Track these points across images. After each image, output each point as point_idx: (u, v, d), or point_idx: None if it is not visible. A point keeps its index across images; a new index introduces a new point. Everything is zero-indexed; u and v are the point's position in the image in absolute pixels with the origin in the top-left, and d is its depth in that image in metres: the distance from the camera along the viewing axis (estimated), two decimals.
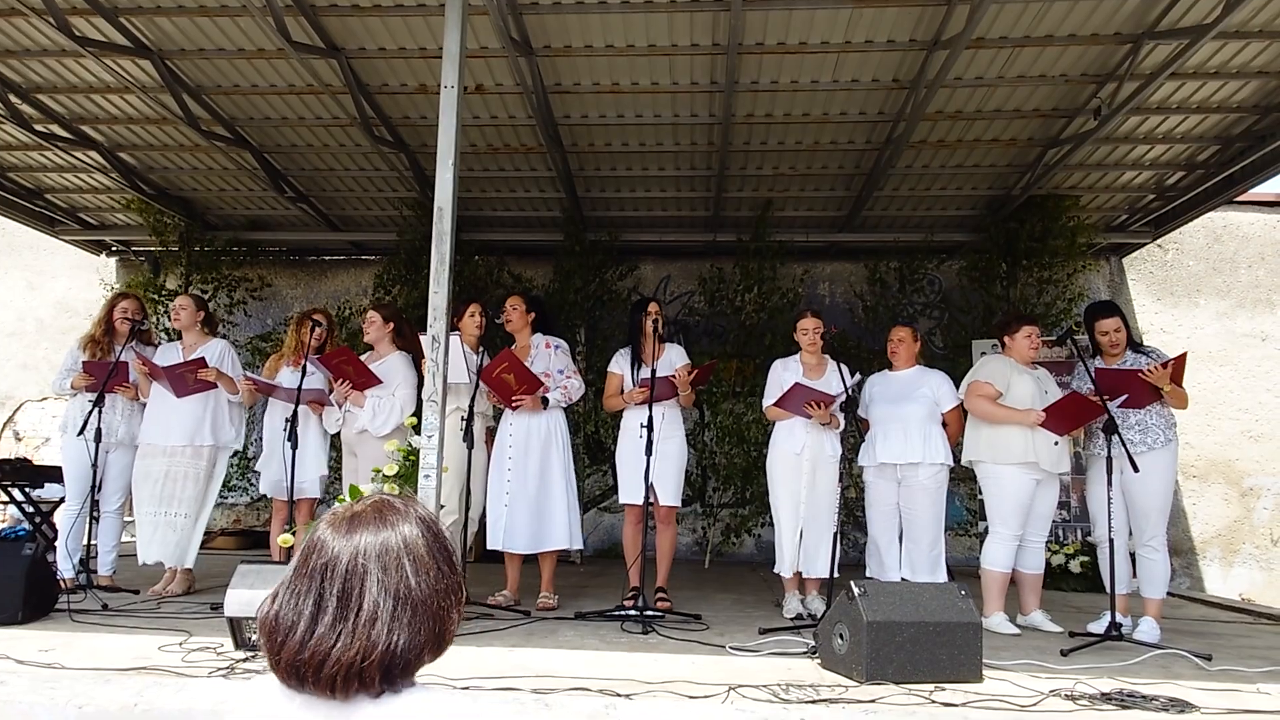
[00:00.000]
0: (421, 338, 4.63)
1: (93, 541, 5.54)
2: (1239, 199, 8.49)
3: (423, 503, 1.35)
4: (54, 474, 6.55)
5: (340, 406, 5.48)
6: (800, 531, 5.20)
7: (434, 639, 1.22)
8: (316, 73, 6.21)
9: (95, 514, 5.51)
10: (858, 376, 5.29)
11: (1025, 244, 8.03)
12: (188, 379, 5.41)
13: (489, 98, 6.57)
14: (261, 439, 5.98)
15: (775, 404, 5.25)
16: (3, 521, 8.46)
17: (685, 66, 6.07)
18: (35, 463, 7.64)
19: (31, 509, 7.14)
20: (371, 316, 5.65)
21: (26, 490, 7.10)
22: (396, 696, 1.19)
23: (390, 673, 1.18)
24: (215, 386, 5.52)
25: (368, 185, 8.32)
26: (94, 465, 5.31)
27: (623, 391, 5.48)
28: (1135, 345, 5.15)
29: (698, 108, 6.66)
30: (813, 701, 3.12)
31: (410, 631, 1.19)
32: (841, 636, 3.64)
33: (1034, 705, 3.17)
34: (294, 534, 4.68)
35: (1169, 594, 6.14)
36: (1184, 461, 8.85)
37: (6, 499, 7.19)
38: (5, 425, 10.00)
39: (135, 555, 5.53)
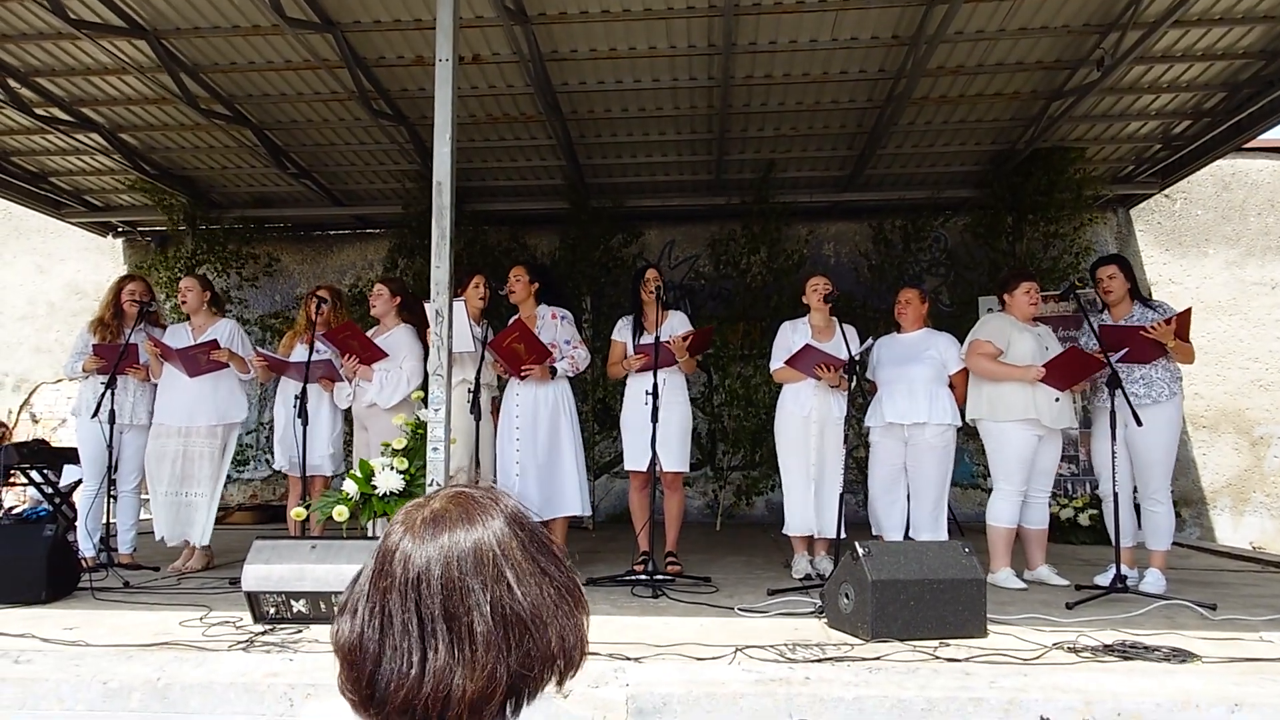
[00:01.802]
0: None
1: (112, 520, 5.64)
2: (1247, 146, 8.39)
3: (504, 490, 1.12)
4: (71, 456, 6.66)
5: (350, 381, 5.54)
6: (810, 492, 5.25)
7: (554, 655, 1.03)
8: (313, 47, 6.19)
9: (113, 494, 5.61)
10: (869, 341, 5.30)
11: (1031, 198, 7.97)
12: (200, 360, 5.48)
13: (486, 67, 6.53)
14: (274, 416, 6.06)
15: (785, 364, 5.27)
16: (23, 503, 8.60)
17: (682, 29, 6.02)
18: (53, 445, 7.77)
19: (51, 490, 7.27)
20: (379, 289, 5.70)
21: (45, 472, 7.22)
22: None
23: (516, 703, 1.03)
24: (227, 366, 5.58)
25: (369, 159, 8.31)
26: (109, 446, 5.39)
27: (624, 360, 5.51)
28: (1144, 300, 5.13)
29: (696, 70, 6.60)
30: (818, 660, 3.18)
31: (528, 652, 1.01)
32: (847, 596, 3.69)
33: (1037, 658, 3.22)
34: (308, 508, 4.76)
35: (1179, 545, 6.20)
36: (1194, 411, 8.85)
37: (26, 481, 7.32)
38: (22, 408, 10.13)
39: (154, 533, 5.63)
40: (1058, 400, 4.97)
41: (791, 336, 5.40)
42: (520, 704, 1.03)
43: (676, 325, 5.44)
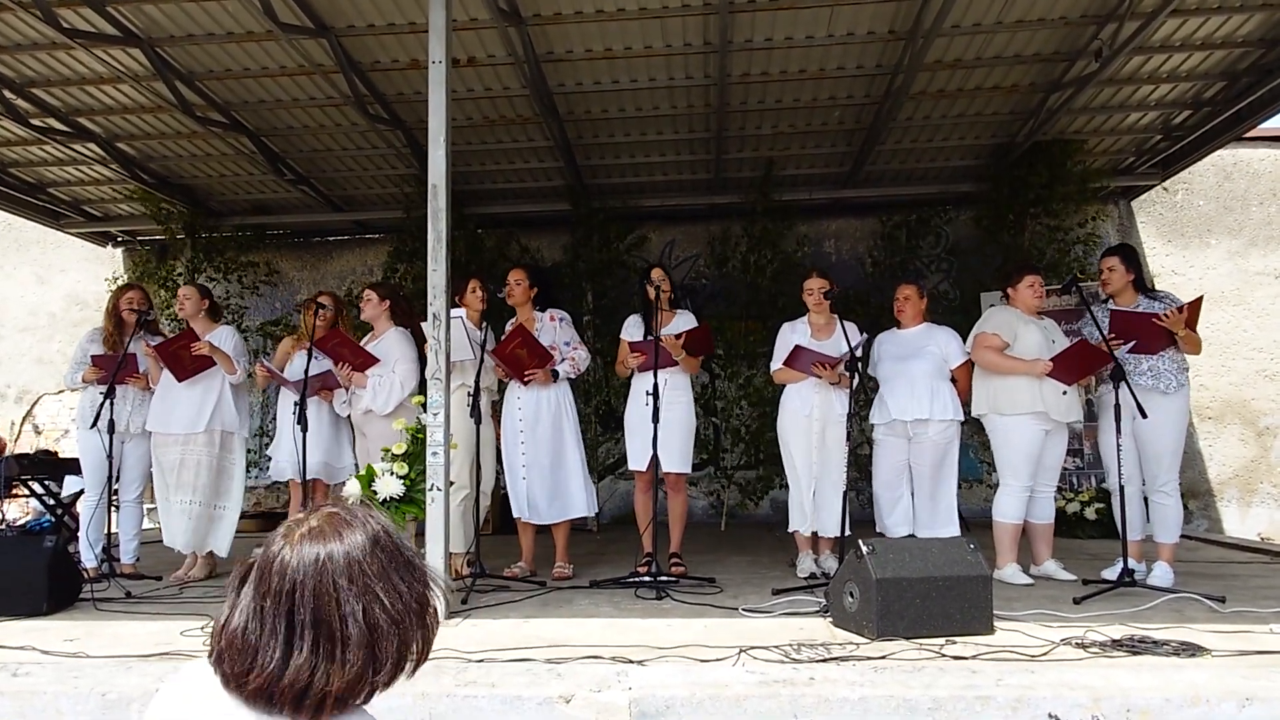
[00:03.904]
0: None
1: (114, 531, 5.62)
2: (1248, 135, 8.34)
3: (377, 513, 1.28)
4: (73, 466, 6.65)
5: (346, 389, 5.51)
6: (813, 491, 5.22)
7: (401, 659, 1.20)
8: (307, 53, 6.17)
9: (115, 504, 5.59)
10: (864, 336, 5.28)
11: (1034, 191, 7.93)
12: (183, 357, 5.43)
13: (481, 70, 6.51)
14: (276, 422, 6.04)
15: (782, 367, 5.25)
16: (27, 514, 8.59)
17: (677, 27, 5.99)
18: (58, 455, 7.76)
19: (53, 501, 7.26)
20: (368, 295, 5.67)
21: (47, 483, 7.21)
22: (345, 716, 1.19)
23: (360, 697, 1.18)
24: (213, 364, 5.53)
25: (367, 164, 8.29)
26: (109, 456, 5.37)
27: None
28: (1149, 291, 5.09)
29: (693, 69, 6.58)
30: (823, 660, 3.15)
31: (378, 656, 1.17)
32: (852, 595, 3.66)
33: (1044, 655, 3.19)
34: None
35: (1186, 537, 6.15)
36: (1199, 403, 8.81)
37: (29, 492, 7.31)
38: (24, 419, 10.12)
39: (157, 543, 5.62)
40: (1065, 393, 4.93)
41: (790, 336, 5.37)
42: (370, 697, 1.19)
43: (681, 325, 5.41)
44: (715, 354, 8.78)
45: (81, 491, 6.02)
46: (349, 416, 5.72)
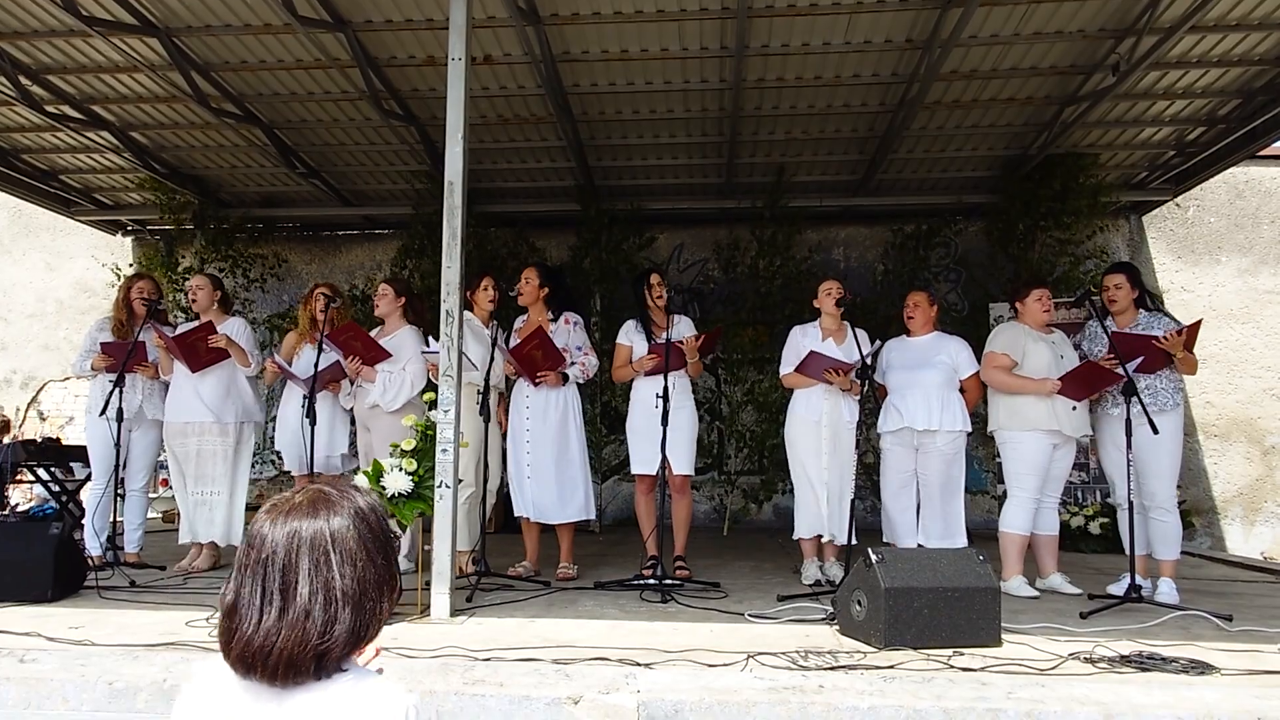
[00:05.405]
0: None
1: (119, 519, 5.62)
2: (1261, 154, 8.35)
3: (365, 492, 1.39)
4: (79, 454, 6.65)
5: (353, 382, 5.51)
6: (824, 496, 5.21)
7: (360, 630, 1.29)
8: (324, 46, 6.18)
9: (121, 492, 5.59)
10: (877, 344, 5.27)
11: (1045, 204, 7.92)
12: (199, 348, 5.44)
13: (498, 68, 6.51)
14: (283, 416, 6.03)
15: (793, 372, 5.24)
16: (30, 501, 8.59)
17: (695, 31, 5.99)
18: (62, 443, 7.76)
19: (58, 488, 7.25)
20: (383, 290, 5.66)
21: (53, 470, 7.21)
22: (329, 682, 1.27)
23: (323, 662, 1.26)
24: (227, 356, 5.54)
25: (379, 159, 8.29)
26: (117, 445, 5.37)
27: (633, 362, 5.47)
28: (1150, 308, 5.11)
29: (708, 73, 6.58)
30: (831, 668, 3.14)
31: (339, 624, 1.26)
32: (859, 603, 3.65)
33: (1053, 669, 3.18)
34: None
35: (1190, 554, 6.15)
36: (1205, 420, 8.80)
37: (34, 479, 7.31)
38: (29, 406, 10.13)
39: (161, 532, 5.61)
40: (1075, 409, 4.94)
41: (802, 341, 5.36)
42: (326, 666, 1.26)
43: (684, 330, 5.41)
44: (720, 358, 8.78)
45: (88, 478, 6.02)
46: (350, 409, 5.72)
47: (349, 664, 1.32)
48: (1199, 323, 4.86)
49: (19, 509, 8.24)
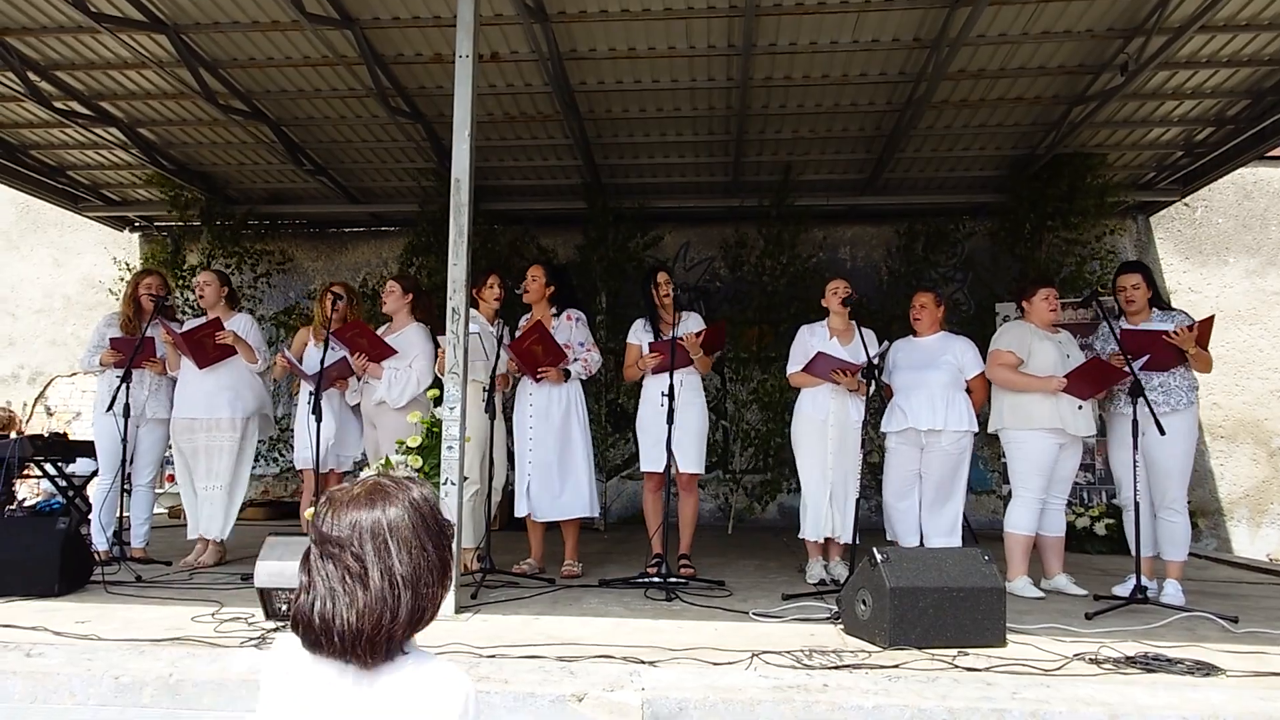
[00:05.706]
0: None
1: (126, 514, 5.64)
2: (1270, 154, 8.29)
3: (419, 483, 1.46)
4: (86, 449, 6.67)
5: (359, 379, 5.52)
6: (829, 495, 5.20)
7: (418, 613, 1.38)
8: (331, 44, 6.18)
9: (127, 487, 5.61)
10: (885, 344, 5.26)
11: (1052, 204, 7.90)
12: (207, 345, 5.46)
13: (505, 66, 6.51)
14: (290, 412, 6.06)
15: (801, 371, 5.23)
16: (37, 495, 8.62)
17: (702, 29, 5.98)
18: (70, 438, 7.77)
19: (65, 483, 7.28)
20: (391, 287, 5.68)
21: (60, 465, 7.23)
22: (397, 663, 1.37)
23: (391, 644, 1.36)
24: (234, 352, 5.56)
25: (385, 157, 8.30)
26: (124, 440, 5.39)
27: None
28: (1162, 307, 5.09)
29: (715, 71, 6.57)
30: (835, 667, 3.14)
31: (403, 606, 1.35)
32: (864, 602, 3.65)
33: (1058, 669, 3.18)
34: None
35: (1195, 555, 6.13)
36: (1212, 422, 8.76)
37: (41, 474, 7.33)
38: (37, 401, 10.16)
39: (167, 528, 5.63)
40: (1080, 408, 4.93)
41: (809, 340, 5.35)
42: (393, 648, 1.36)
43: (691, 326, 5.40)
44: (726, 356, 8.77)
45: (95, 473, 6.04)
46: (358, 406, 5.73)
47: (409, 646, 1.40)
48: (1211, 318, 4.82)
49: (26, 504, 8.26)
